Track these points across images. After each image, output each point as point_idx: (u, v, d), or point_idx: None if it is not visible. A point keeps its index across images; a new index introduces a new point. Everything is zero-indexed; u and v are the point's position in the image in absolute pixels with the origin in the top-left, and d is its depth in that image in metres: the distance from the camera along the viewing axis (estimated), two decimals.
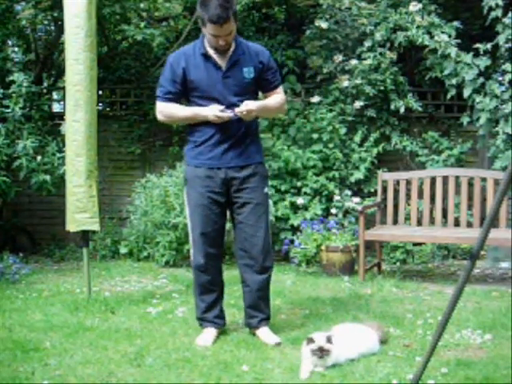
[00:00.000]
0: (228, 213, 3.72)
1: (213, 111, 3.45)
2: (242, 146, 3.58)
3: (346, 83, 6.25)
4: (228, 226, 3.82)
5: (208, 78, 3.51)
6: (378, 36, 6.21)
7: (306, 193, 6.06)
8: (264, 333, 3.67)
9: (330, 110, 6.30)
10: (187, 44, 7.34)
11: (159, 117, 3.68)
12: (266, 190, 3.68)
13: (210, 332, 3.67)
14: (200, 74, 3.51)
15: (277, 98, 3.68)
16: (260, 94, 3.73)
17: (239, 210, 3.63)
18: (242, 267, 3.70)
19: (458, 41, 5.91)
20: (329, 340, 3.18)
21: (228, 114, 3.45)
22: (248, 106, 3.47)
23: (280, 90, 3.72)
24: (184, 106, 3.61)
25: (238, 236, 3.69)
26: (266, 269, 3.68)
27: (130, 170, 6.91)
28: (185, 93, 3.59)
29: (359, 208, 5.42)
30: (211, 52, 3.52)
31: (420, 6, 6.08)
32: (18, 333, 3.80)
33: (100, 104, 7.06)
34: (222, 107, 3.46)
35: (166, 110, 3.61)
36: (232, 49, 3.52)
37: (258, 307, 3.72)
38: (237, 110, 3.46)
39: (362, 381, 3.05)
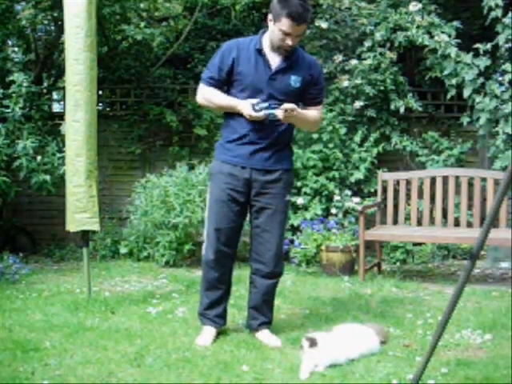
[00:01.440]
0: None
1: (247, 109, 3.41)
2: (271, 150, 3.54)
3: (345, 83, 6.25)
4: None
5: (255, 74, 3.46)
6: (378, 36, 6.21)
7: (306, 193, 6.06)
8: (264, 335, 3.68)
9: (330, 110, 6.30)
10: (187, 44, 7.37)
11: (199, 98, 3.65)
12: (287, 197, 3.65)
13: (209, 331, 3.67)
14: (249, 68, 3.48)
15: (316, 113, 3.63)
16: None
17: (256, 214, 3.61)
18: (253, 269, 3.70)
19: (458, 41, 5.91)
20: (311, 343, 3.17)
21: (262, 114, 3.39)
22: (293, 106, 3.40)
23: (320, 107, 3.68)
24: (224, 94, 3.56)
25: (253, 239, 3.68)
26: (276, 275, 3.69)
27: (130, 170, 6.91)
28: (228, 83, 3.55)
29: (359, 208, 5.42)
30: (267, 51, 3.49)
31: (420, 5, 6.09)
32: (18, 333, 3.80)
33: (100, 104, 7.06)
34: (255, 100, 3.40)
35: (207, 94, 3.58)
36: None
37: (261, 310, 3.73)
38: (283, 106, 3.37)
39: (362, 381, 3.05)
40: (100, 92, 6.89)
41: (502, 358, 3.32)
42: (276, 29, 3.40)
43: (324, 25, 6.37)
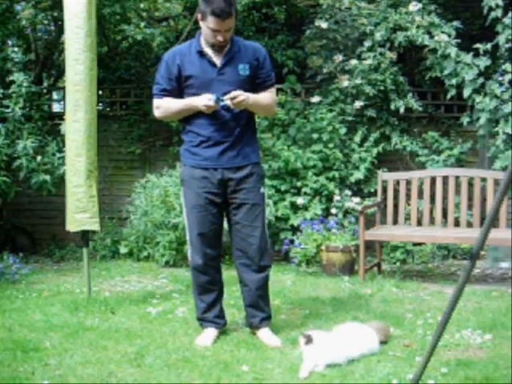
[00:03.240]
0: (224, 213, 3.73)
1: (202, 101, 3.44)
2: (238, 147, 3.58)
3: (345, 83, 6.25)
4: (226, 225, 3.81)
5: (203, 75, 3.50)
6: (377, 36, 6.21)
7: (306, 193, 6.06)
8: (265, 334, 3.67)
9: (330, 110, 6.30)
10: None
11: (156, 113, 3.68)
12: (262, 190, 3.67)
13: (211, 332, 3.68)
14: (195, 70, 3.52)
15: (268, 95, 3.65)
16: None
17: (235, 211, 3.63)
18: (240, 267, 3.70)
19: (458, 41, 5.91)
20: (307, 340, 3.19)
21: (216, 103, 3.42)
22: (239, 93, 3.44)
23: (272, 90, 3.70)
24: (177, 99, 3.59)
25: (234, 236, 3.69)
26: (264, 268, 3.69)
27: (130, 170, 6.91)
28: (180, 90, 3.59)
29: (359, 208, 5.42)
30: (207, 49, 3.52)
31: (420, 5, 6.09)
32: (18, 333, 3.80)
33: (100, 104, 7.06)
34: (211, 96, 3.43)
35: (163, 104, 3.61)
36: (228, 46, 3.53)
37: (258, 306, 3.72)
38: (227, 96, 3.42)
39: (361, 381, 3.05)
40: (100, 92, 6.89)
41: (502, 357, 3.32)
42: (205, 27, 3.45)
43: (324, 25, 6.37)
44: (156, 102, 3.64)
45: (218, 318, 3.74)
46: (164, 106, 3.61)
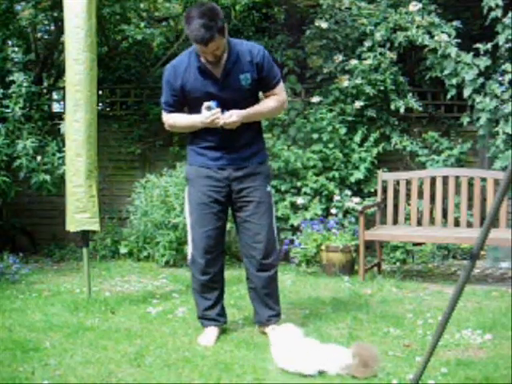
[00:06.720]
0: (230, 212, 3.74)
1: (201, 118, 3.47)
2: (244, 148, 3.59)
3: (346, 83, 6.25)
4: (228, 226, 3.81)
5: (205, 90, 3.48)
6: (377, 36, 6.20)
7: (306, 193, 6.06)
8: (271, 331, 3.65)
9: (330, 110, 6.29)
10: (187, 44, 7.32)
11: (165, 126, 3.72)
12: (268, 188, 3.69)
13: (212, 331, 3.68)
14: (197, 85, 3.49)
15: (270, 101, 3.61)
16: (260, 93, 3.71)
17: (242, 209, 3.63)
18: (247, 264, 3.71)
19: (458, 41, 5.91)
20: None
21: (213, 112, 3.43)
22: (232, 117, 3.43)
23: (279, 89, 3.63)
24: (183, 115, 3.62)
25: (241, 234, 3.69)
26: (270, 266, 3.68)
27: (130, 170, 6.90)
28: (185, 104, 3.61)
29: (359, 208, 5.42)
30: (206, 63, 3.47)
31: (420, 5, 6.09)
32: (18, 333, 3.80)
33: (100, 104, 7.05)
34: (210, 103, 3.43)
35: (169, 121, 3.65)
36: (225, 58, 3.46)
37: (265, 304, 3.71)
38: (221, 117, 3.42)
39: (362, 381, 3.05)
40: (100, 92, 6.89)
41: (502, 357, 3.33)
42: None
43: (324, 25, 6.36)
44: (164, 116, 3.66)
45: (219, 316, 3.74)
46: (171, 122, 3.64)
